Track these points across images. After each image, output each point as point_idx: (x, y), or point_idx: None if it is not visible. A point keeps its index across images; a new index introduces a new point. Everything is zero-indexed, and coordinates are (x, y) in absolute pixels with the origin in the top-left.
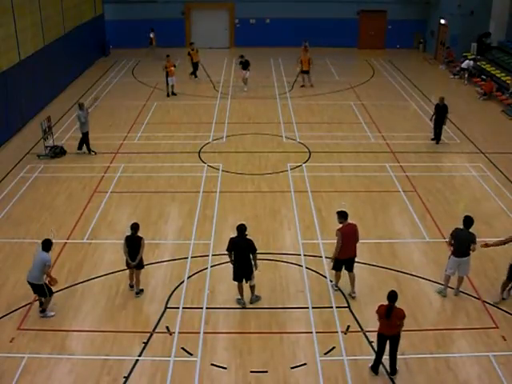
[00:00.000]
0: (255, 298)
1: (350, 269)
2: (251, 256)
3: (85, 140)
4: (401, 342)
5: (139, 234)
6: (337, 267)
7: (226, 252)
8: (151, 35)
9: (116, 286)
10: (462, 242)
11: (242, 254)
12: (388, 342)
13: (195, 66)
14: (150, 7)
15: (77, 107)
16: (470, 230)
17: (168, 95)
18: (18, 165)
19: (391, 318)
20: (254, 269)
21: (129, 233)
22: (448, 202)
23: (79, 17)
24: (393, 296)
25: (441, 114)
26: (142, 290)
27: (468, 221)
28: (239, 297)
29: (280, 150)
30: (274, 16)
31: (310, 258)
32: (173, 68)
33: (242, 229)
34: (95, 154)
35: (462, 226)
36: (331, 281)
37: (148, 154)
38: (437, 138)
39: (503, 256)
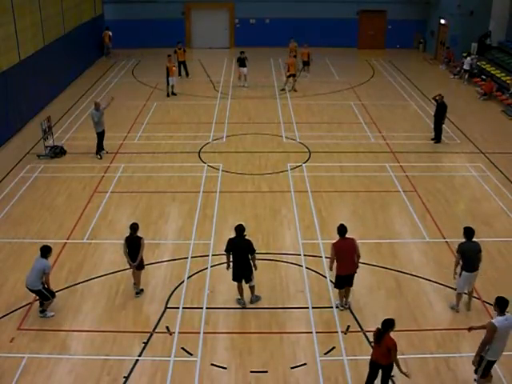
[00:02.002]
0: (255, 298)
1: (349, 284)
2: (250, 256)
3: (99, 140)
4: (401, 342)
5: (139, 234)
6: (339, 285)
7: (224, 253)
8: (102, 34)
9: (116, 286)
10: (473, 255)
11: (241, 254)
12: (380, 370)
13: (179, 65)
14: (150, 7)
15: (92, 106)
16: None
17: (168, 95)
18: (18, 165)
19: (381, 344)
20: (253, 270)
21: (128, 233)
22: (448, 202)
23: (79, 17)
24: (385, 323)
25: (439, 111)
26: (142, 290)
27: (470, 232)
28: (239, 297)
29: (280, 150)
30: (274, 16)
31: (310, 258)
32: (174, 68)
33: (240, 229)
34: (100, 158)
35: (463, 238)
36: (337, 307)
37: (148, 154)
38: (437, 137)
39: (503, 256)
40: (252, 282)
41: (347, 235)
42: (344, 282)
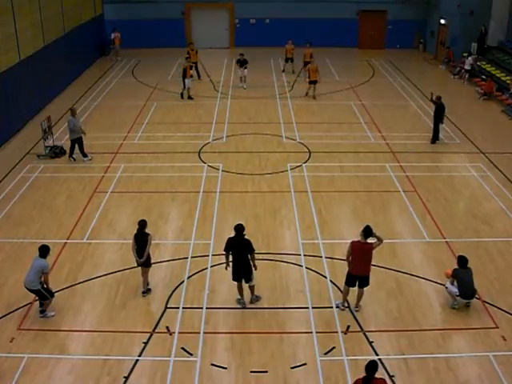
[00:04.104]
0: (255, 298)
1: (361, 286)
2: (249, 256)
3: (76, 146)
4: (401, 342)
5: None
6: (349, 282)
7: (224, 252)
8: (112, 36)
9: (116, 286)
10: (468, 284)
11: (240, 254)
12: None
13: (194, 66)
14: (150, 7)
15: (69, 113)
16: (468, 266)
17: (182, 97)
18: (18, 165)
19: None
20: (253, 269)
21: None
22: (448, 202)
23: (79, 17)
24: (369, 366)
25: (437, 112)
26: (149, 290)
27: (464, 260)
28: (239, 297)
29: (280, 150)
30: (274, 16)
31: (309, 258)
32: (191, 71)
33: (239, 229)
34: (91, 158)
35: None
36: (337, 306)
37: (148, 154)
38: (433, 137)
39: (503, 256)
40: (252, 282)
41: (352, 236)
42: (355, 280)
